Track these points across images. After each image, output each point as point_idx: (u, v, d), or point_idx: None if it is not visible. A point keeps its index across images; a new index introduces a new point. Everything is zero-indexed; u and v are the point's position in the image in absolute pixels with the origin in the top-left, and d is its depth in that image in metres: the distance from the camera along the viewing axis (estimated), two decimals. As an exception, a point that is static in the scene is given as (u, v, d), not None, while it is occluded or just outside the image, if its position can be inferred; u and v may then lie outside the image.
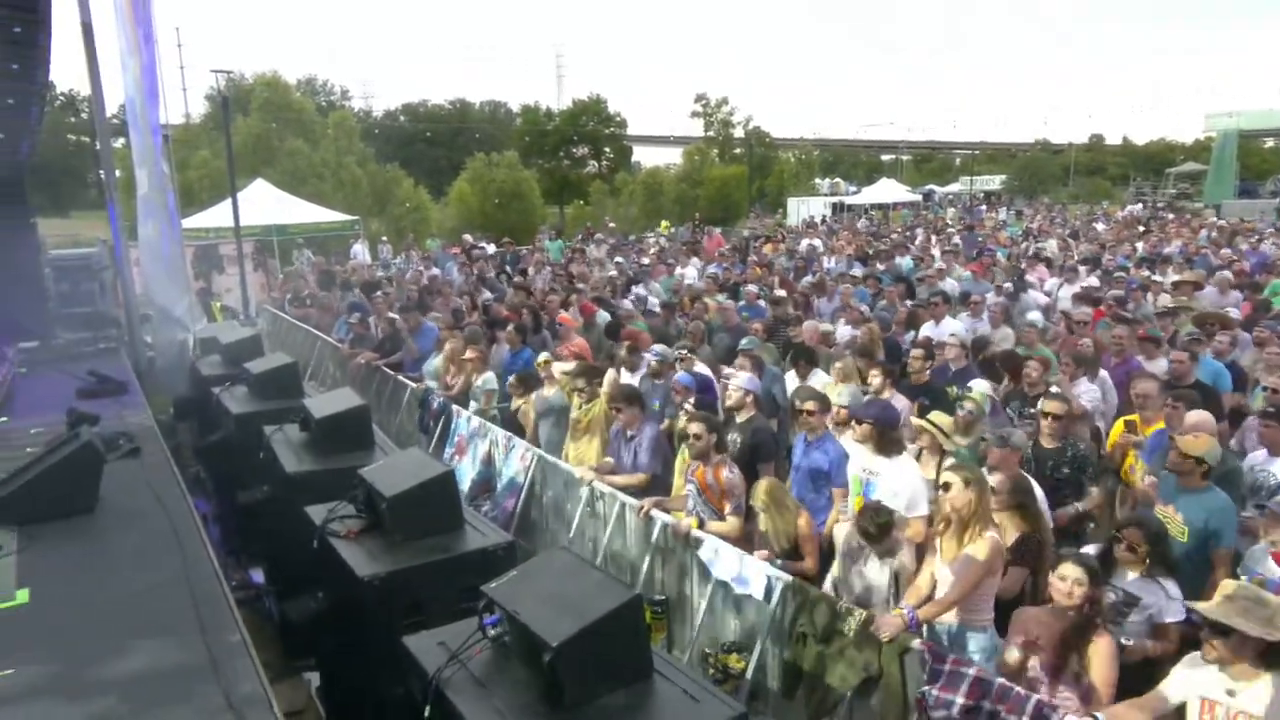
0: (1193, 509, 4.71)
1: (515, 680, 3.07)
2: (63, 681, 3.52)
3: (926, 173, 77.83)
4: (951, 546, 4.32)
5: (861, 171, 75.15)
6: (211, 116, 36.94)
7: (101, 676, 3.55)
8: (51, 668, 3.62)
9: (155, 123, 10.81)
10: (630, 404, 6.32)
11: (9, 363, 8.98)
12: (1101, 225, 27.21)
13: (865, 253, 17.83)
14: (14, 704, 3.38)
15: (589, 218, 40.95)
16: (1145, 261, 15.11)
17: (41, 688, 3.49)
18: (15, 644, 3.81)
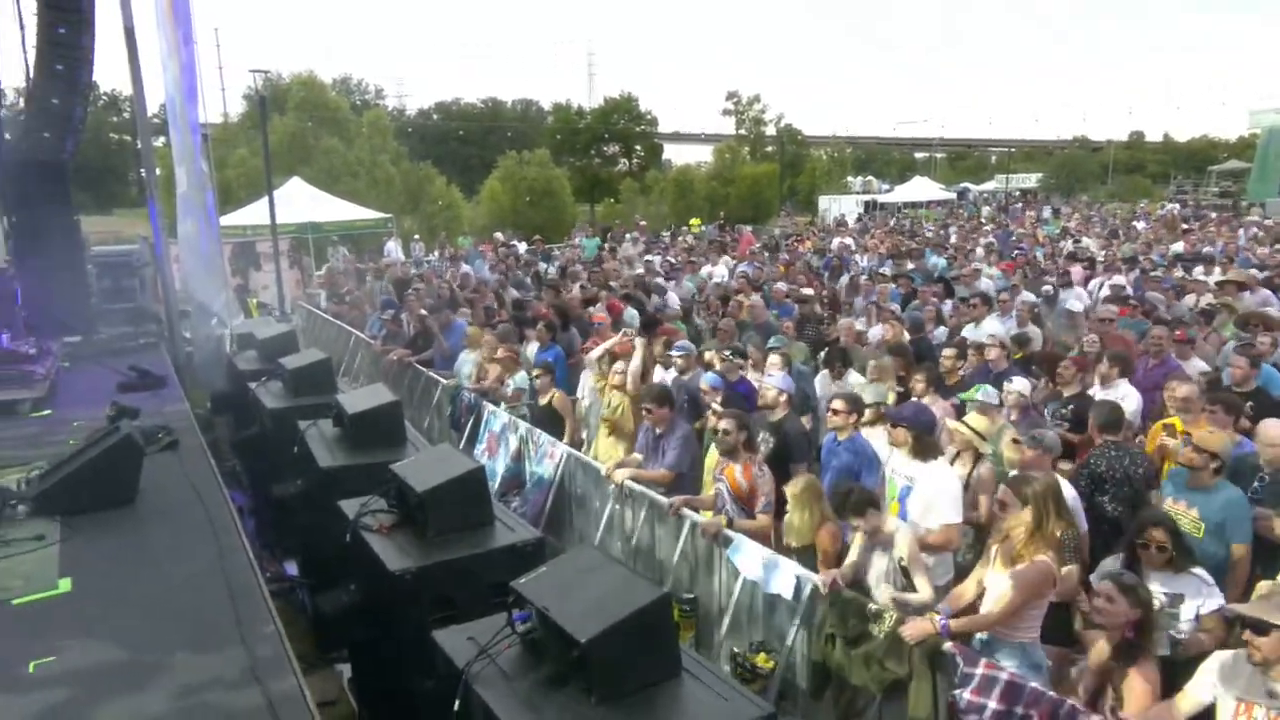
0: (1206, 504, 4.65)
1: (544, 676, 3.08)
2: (103, 669, 3.61)
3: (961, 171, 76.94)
4: (1004, 560, 4.21)
5: (894, 170, 74.49)
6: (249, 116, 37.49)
7: (140, 665, 3.63)
8: (92, 656, 3.71)
9: (194, 122, 11.00)
10: (661, 403, 6.32)
11: (53, 357, 9.18)
12: (1142, 224, 26.71)
13: (897, 251, 17.67)
14: (56, 690, 3.46)
15: (619, 216, 40.98)
16: (1182, 261, 14.80)
17: (82, 675, 3.57)
18: (58, 632, 3.91)
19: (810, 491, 5.06)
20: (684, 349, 7.63)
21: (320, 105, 36.08)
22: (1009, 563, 4.14)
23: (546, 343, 9.04)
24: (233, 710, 3.30)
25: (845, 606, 4.48)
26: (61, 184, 11.52)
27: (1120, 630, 3.69)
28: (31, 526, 5.04)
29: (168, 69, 10.76)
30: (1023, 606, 4.05)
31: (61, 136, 11.16)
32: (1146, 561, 4.15)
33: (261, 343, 9.00)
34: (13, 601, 4.18)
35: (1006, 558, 4.17)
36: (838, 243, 20.35)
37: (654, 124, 66.20)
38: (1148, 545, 4.14)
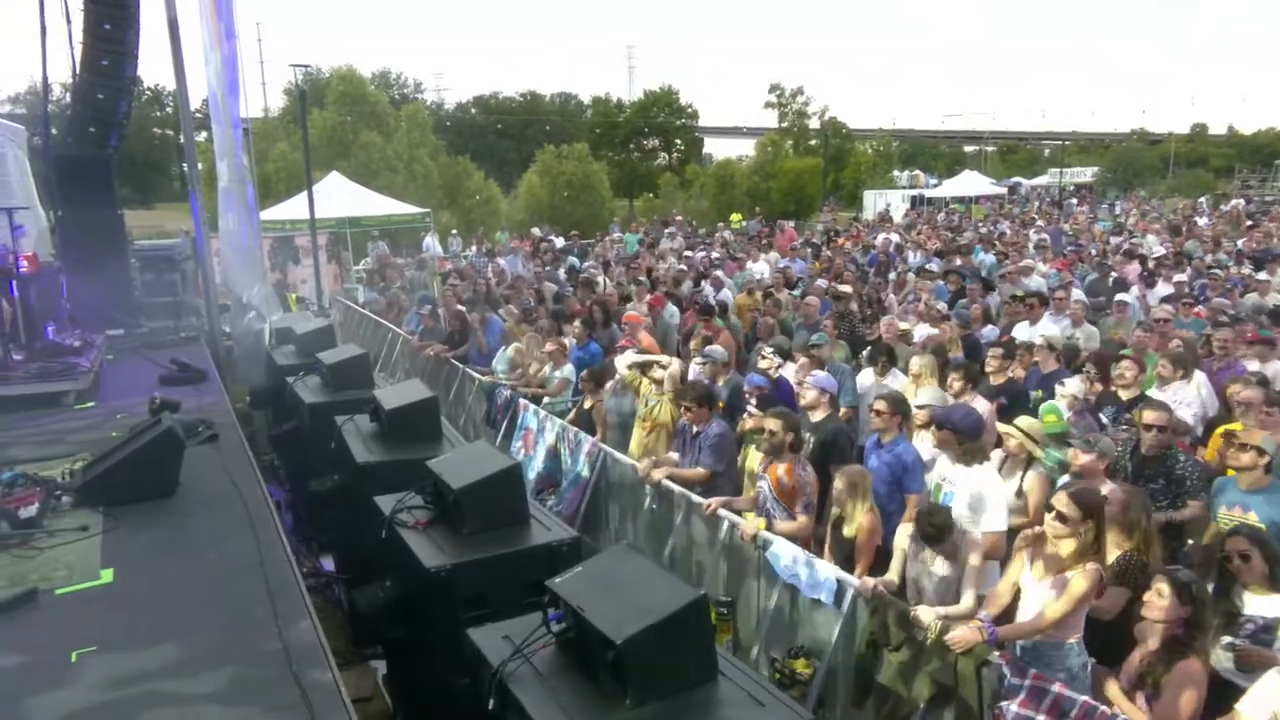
0: (1266, 506, 4.53)
1: (579, 677, 3.10)
2: (142, 660, 3.70)
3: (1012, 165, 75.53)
4: (1048, 564, 4.11)
5: (942, 164, 73.37)
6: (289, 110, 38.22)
7: (179, 657, 3.72)
8: (133, 646, 3.81)
9: (236, 116, 11.22)
10: (701, 402, 6.31)
11: (97, 350, 9.44)
12: (1204, 220, 26.00)
13: (947, 248, 17.42)
14: (96, 680, 3.56)
15: (658, 210, 40.98)
16: (1247, 258, 14.38)
17: (123, 665, 3.67)
18: (100, 622, 4.02)
19: (859, 484, 5.03)
20: (711, 356, 7.54)
21: (359, 99, 36.61)
22: (1054, 569, 4.07)
23: (584, 339, 9.07)
24: (270, 704, 3.37)
25: (888, 612, 4.44)
26: (106, 179, 11.84)
27: (1170, 627, 3.62)
28: (75, 517, 5.19)
29: (210, 63, 10.98)
30: (1074, 611, 3.99)
31: (106, 131, 11.47)
32: (1233, 571, 4.02)
33: (300, 337, 9.17)
34: (57, 591, 4.31)
35: (1050, 564, 4.10)
36: (882, 238, 20.11)
37: (694, 117, 66.21)
38: (1230, 558, 4.02)
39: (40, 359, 8.64)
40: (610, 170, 51.80)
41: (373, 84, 44.33)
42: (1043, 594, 4.07)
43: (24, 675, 3.60)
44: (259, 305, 11.23)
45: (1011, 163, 76.76)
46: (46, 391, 7.92)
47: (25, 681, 3.55)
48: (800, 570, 4.98)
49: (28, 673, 3.62)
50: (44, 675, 3.59)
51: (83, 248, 11.17)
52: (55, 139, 11.98)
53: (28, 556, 4.69)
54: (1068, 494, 4.08)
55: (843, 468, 5.26)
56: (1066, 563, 4.01)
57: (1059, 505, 4.06)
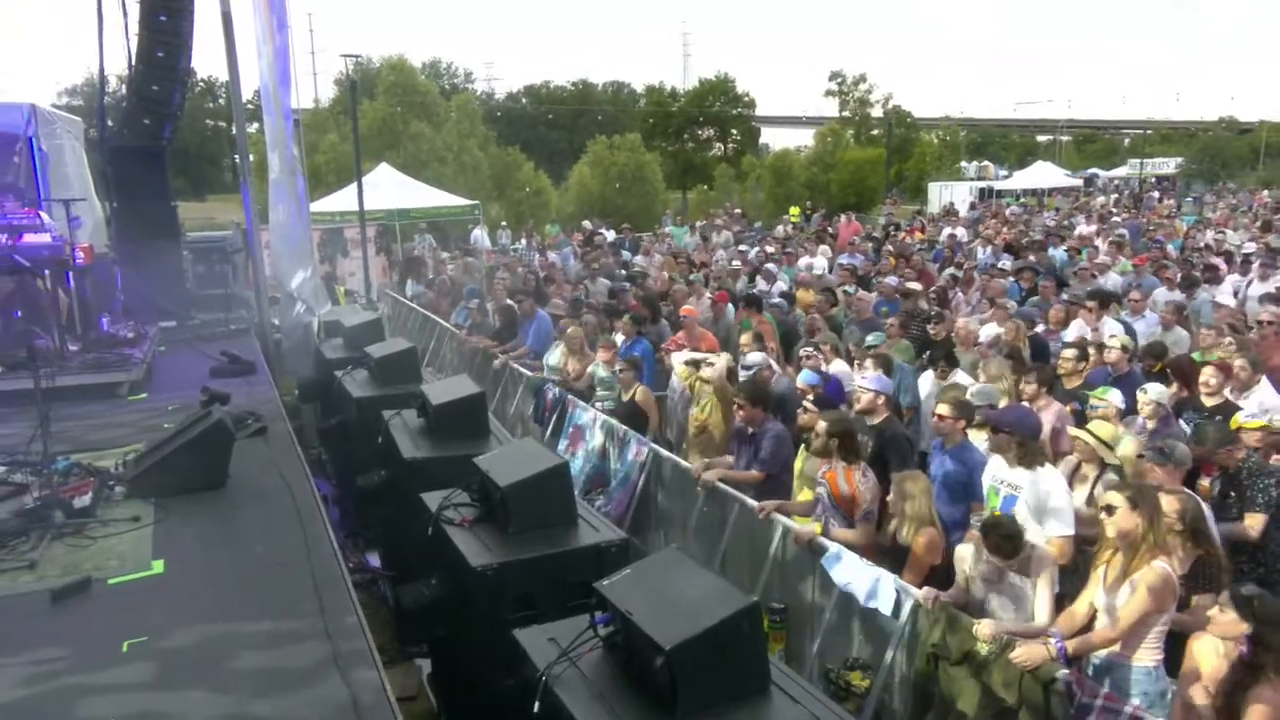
0: None
1: (626, 683, 3.11)
2: (191, 651, 3.82)
3: (1089, 155, 73.65)
4: (1116, 573, 4.05)
5: (1013, 154, 71.86)
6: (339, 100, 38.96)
7: (227, 649, 3.83)
8: (181, 638, 3.94)
9: (287, 107, 11.48)
10: (755, 401, 6.28)
11: (150, 341, 9.76)
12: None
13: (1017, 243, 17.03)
14: (146, 670, 3.69)
15: (713, 203, 40.83)
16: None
17: (171, 656, 3.79)
18: (150, 612, 4.16)
19: (927, 495, 4.96)
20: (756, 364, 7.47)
21: (410, 89, 37.11)
22: (1121, 576, 3.98)
23: (632, 335, 9.09)
24: (315, 700, 3.45)
25: (950, 625, 4.37)
26: (160, 170, 12.22)
27: (1234, 646, 3.51)
28: (128, 507, 5.38)
29: (262, 54, 11.24)
30: (1143, 620, 3.88)
31: (160, 123, 11.83)
32: None
33: (348, 331, 9.35)
34: (109, 581, 4.47)
35: (1117, 567, 4.01)
36: (948, 233, 19.76)
37: (751, 106, 65.76)
38: None
39: (95, 350, 8.95)
40: (663, 161, 51.75)
41: (423, 74, 44.93)
42: (1113, 604, 4.00)
43: (78, 663, 3.74)
44: (308, 298, 11.47)
45: (1088, 153, 74.82)
46: (101, 382, 8.21)
47: (79, 670, 3.69)
48: (858, 578, 4.93)
49: (81, 661, 3.76)
50: (97, 664, 3.73)
51: (137, 239, 11.55)
52: (111, 131, 12.39)
53: (82, 546, 4.88)
54: (1111, 486, 4.07)
55: (903, 474, 5.18)
56: (1132, 566, 3.94)
57: (1106, 501, 4.04)
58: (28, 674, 3.66)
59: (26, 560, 4.64)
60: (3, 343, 8.07)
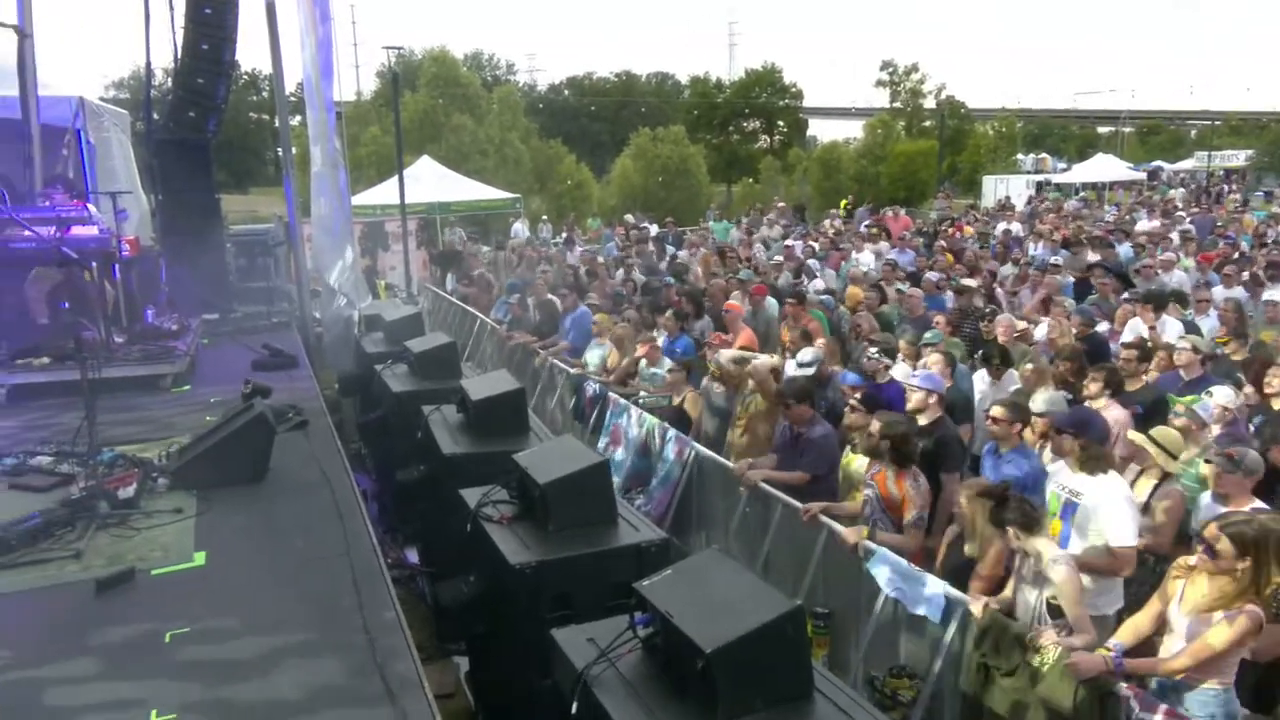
0: None
1: (665, 685, 3.11)
2: (231, 643, 3.91)
3: (1153, 147, 71.80)
4: (1197, 595, 3.89)
5: (1073, 146, 70.39)
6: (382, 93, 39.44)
7: (267, 641, 3.92)
8: (223, 629, 4.03)
9: (329, 99, 11.68)
10: (801, 399, 6.24)
11: (193, 334, 9.99)
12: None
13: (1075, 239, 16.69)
14: (188, 661, 3.78)
15: (758, 197, 40.63)
16: None
17: (212, 648, 3.88)
18: (192, 603, 4.26)
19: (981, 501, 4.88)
20: (812, 360, 7.40)
21: (451, 81, 37.44)
22: (1202, 607, 3.84)
23: (676, 332, 9.08)
24: (352, 694, 3.51)
25: (1002, 634, 4.30)
26: (204, 163, 12.50)
27: None
28: (171, 499, 5.52)
29: (305, 47, 11.45)
30: (1222, 658, 3.76)
31: (205, 116, 12.09)
32: None
33: (388, 325, 9.48)
34: (153, 572, 4.59)
35: (1201, 599, 3.88)
36: (1002, 228, 19.43)
37: (799, 97, 65.36)
38: None
39: (140, 342, 9.18)
40: (708, 154, 51.61)
41: (465, 66, 45.34)
42: (1186, 632, 3.85)
43: (123, 653, 3.85)
44: (348, 291, 11.66)
45: (1153, 145, 72.97)
46: (145, 374, 8.42)
47: (125, 659, 3.80)
48: (905, 584, 4.87)
49: (127, 650, 3.87)
50: (141, 653, 3.84)
51: (181, 232, 11.82)
52: (156, 124, 12.70)
53: (126, 536, 5.01)
54: (1220, 526, 3.80)
55: (972, 481, 5.10)
56: (1217, 603, 3.77)
57: (1210, 538, 3.80)
58: (74, 662, 3.78)
59: (72, 550, 4.78)
60: (51, 334, 8.31)
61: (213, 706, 3.44)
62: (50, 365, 8.02)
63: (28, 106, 9.79)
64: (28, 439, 6.67)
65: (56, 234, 7.76)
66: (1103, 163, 47.94)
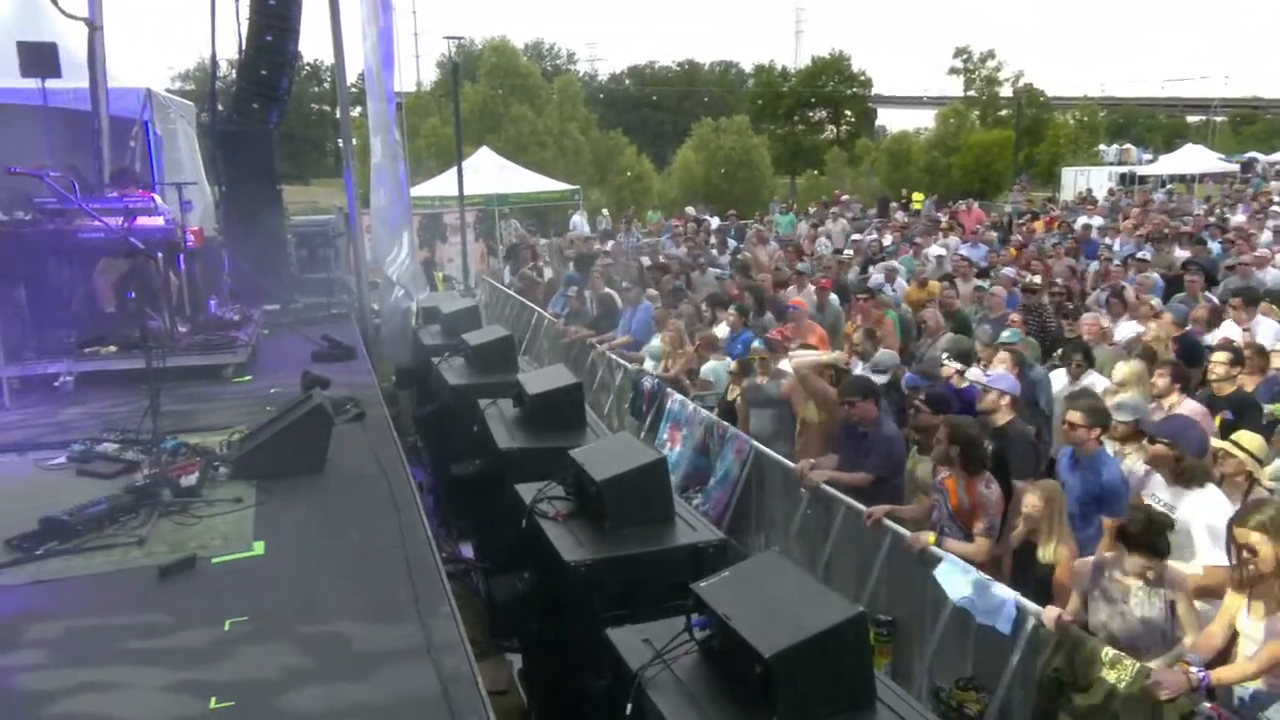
0: None
1: (722, 690, 3.10)
2: (288, 634, 4.01)
3: (1247, 137, 69.19)
4: (1265, 601, 3.80)
5: (1160, 136, 68.20)
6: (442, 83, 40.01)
7: (323, 632, 4.01)
8: (280, 619, 4.13)
9: (390, 90, 11.85)
10: (865, 397, 6.16)
11: (255, 324, 10.26)
12: None
13: (1159, 234, 16.17)
14: (246, 649, 3.89)
15: (823, 189, 40.23)
16: None
17: (270, 637, 3.99)
18: (251, 592, 4.38)
19: (1055, 504, 4.76)
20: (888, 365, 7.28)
21: (511, 71, 37.85)
22: (1274, 600, 3.73)
23: (739, 327, 9.04)
24: (407, 689, 3.57)
25: (1076, 647, 4.19)
26: (267, 155, 12.83)
27: None
28: (231, 488, 5.68)
29: (367, 37, 11.64)
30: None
31: (268, 107, 12.41)
32: None
33: (446, 317, 9.61)
34: (213, 560, 4.74)
35: (1268, 594, 3.76)
36: (1082, 222, 18.92)
37: (867, 85, 64.54)
38: None
39: (203, 332, 9.47)
40: (772, 145, 51.31)
41: (525, 55, 45.81)
42: (1260, 635, 3.76)
43: (184, 639, 3.97)
44: (406, 283, 11.84)
45: (1246, 135, 70.30)
46: (208, 364, 8.68)
47: (185, 645, 3.92)
48: (974, 593, 4.78)
49: (187, 637, 3.99)
50: (201, 640, 3.95)
51: (244, 223, 12.15)
52: (221, 115, 13.06)
53: (187, 524, 5.17)
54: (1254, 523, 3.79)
55: (1040, 483, 4.98)
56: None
57: (1241, 542, 3.79)
58: (136, 646, 3.91)
59: (136, 536, 4.95)
60: (118, 323, 8.61)
61: (269, 695, 3.53)
62: (116, 354, 8.31)
63: (97, 98, 10.13)
64: (94, 426, 6.92)
65: (124, 224, 8.03)
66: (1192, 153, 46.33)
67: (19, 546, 4.82)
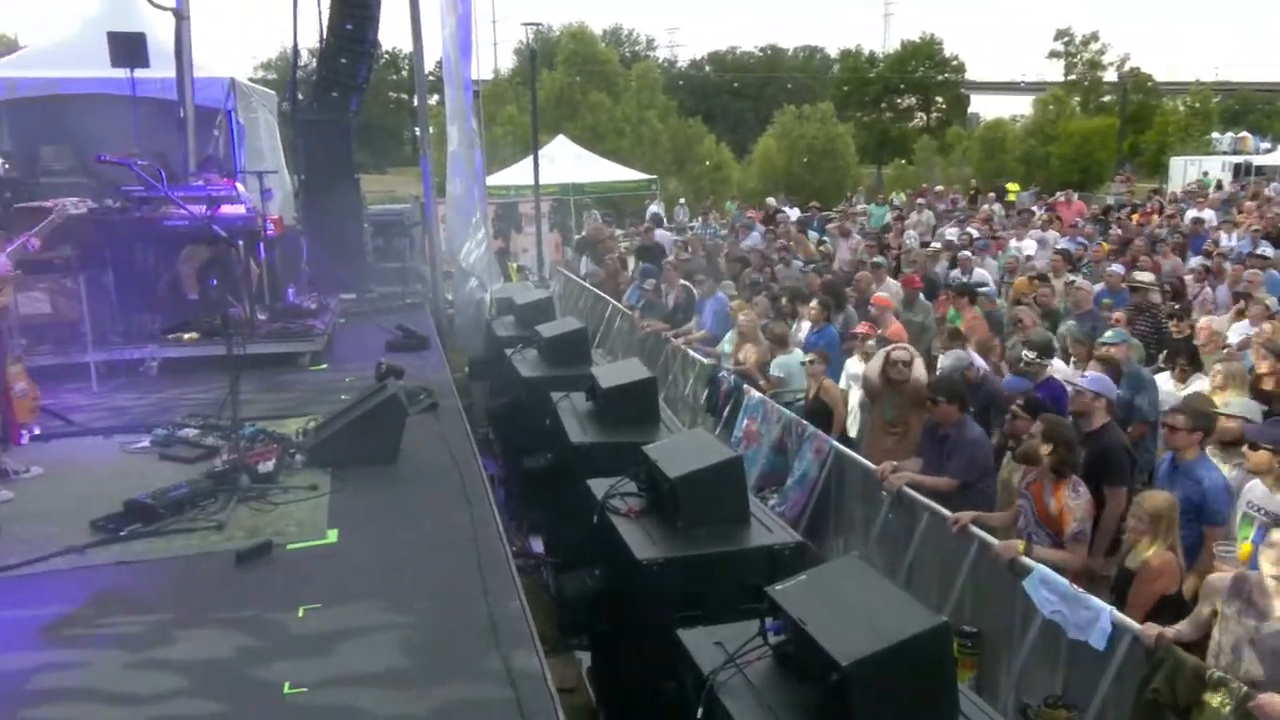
0: None
1: (796, 697, 3.08)
2: (359, 622, 4.13)
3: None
4: None
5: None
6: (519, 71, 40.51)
7: (393, 621, 4.12)
8: (352, 607, 4.26)
9: (467, 78, 12.06)
10: (951, 399, 6.04)
11: (331, 313, 10.55)
12: None
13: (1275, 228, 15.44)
14: (318, 635, 4.01)
15: (911, 179, 39.48)
16: None
17: (341, 624, 4.11)
18: (324, 580, 4.52)
19: (1169, 517, 4.60)
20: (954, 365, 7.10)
21: (589, 58, 38.06)
22: None
23: (821, 323, 8.94)
24: (475, 684, 3.65)
25: (1178, 667, 4.04)
26: (346, 143, 13.16)
27: None
28: (306, 476, 5.87)
29: (445, 25, 11.86)
30: None
31: (347, 95, 12.73)
32: None
33: (520, 308, 9.73)
34: (288, 546, 4.90)
35: None
36: (1192, 215, 18.17)
37: (960, 71, 63.12)
38: None
39: (281, 320, 9.77)
40: (857, 133, 50.60)
41: (604, 42, 45.97)
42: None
43: (259, 624, 4.12)
44: (480, 273, 12.04)
45: (1380, 121, 66.61)
46: (286, 351, 8.96)
47: (260, 630, 4.07)
48: (1066, 606, 4.65)
49: (262, 622, 4.14)
50: (275, 626, 4.10)
51: (322, 212, 12.49)
52: (301, 104, 13.45)
53: (264, 510, 5.37)
54: None
55: (1149, 493, 4.82)
56: None
57: None
58: (212, 630, 4.07)
59: (215, 521, 5.16)
60: (200, 310, 8.95)
61: (341, 683, 3.64)
62: (199, 340, 8.63)
63: (184, 88, 10.53)
64: (176, 411, 7.21)
65: (207, 212, 8.32)
66: (1316, 142, 44.09)
67: (104, 527, 5.07)
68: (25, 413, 6.63)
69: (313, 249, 12.25)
